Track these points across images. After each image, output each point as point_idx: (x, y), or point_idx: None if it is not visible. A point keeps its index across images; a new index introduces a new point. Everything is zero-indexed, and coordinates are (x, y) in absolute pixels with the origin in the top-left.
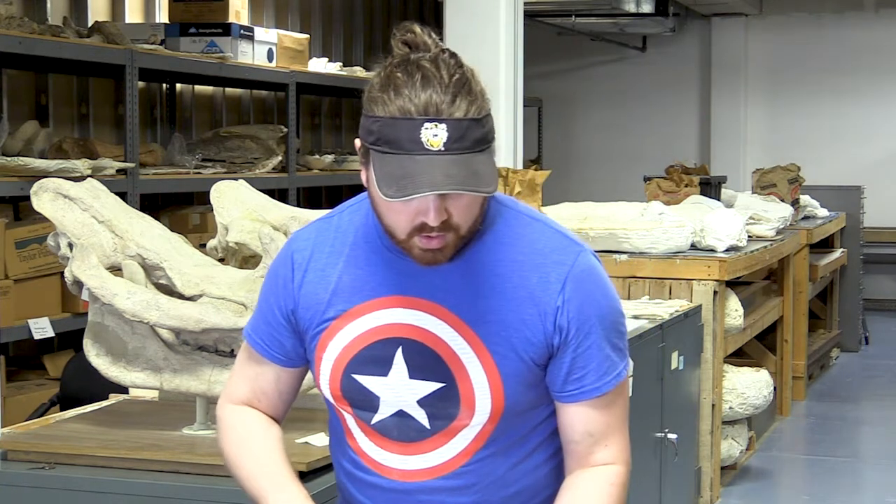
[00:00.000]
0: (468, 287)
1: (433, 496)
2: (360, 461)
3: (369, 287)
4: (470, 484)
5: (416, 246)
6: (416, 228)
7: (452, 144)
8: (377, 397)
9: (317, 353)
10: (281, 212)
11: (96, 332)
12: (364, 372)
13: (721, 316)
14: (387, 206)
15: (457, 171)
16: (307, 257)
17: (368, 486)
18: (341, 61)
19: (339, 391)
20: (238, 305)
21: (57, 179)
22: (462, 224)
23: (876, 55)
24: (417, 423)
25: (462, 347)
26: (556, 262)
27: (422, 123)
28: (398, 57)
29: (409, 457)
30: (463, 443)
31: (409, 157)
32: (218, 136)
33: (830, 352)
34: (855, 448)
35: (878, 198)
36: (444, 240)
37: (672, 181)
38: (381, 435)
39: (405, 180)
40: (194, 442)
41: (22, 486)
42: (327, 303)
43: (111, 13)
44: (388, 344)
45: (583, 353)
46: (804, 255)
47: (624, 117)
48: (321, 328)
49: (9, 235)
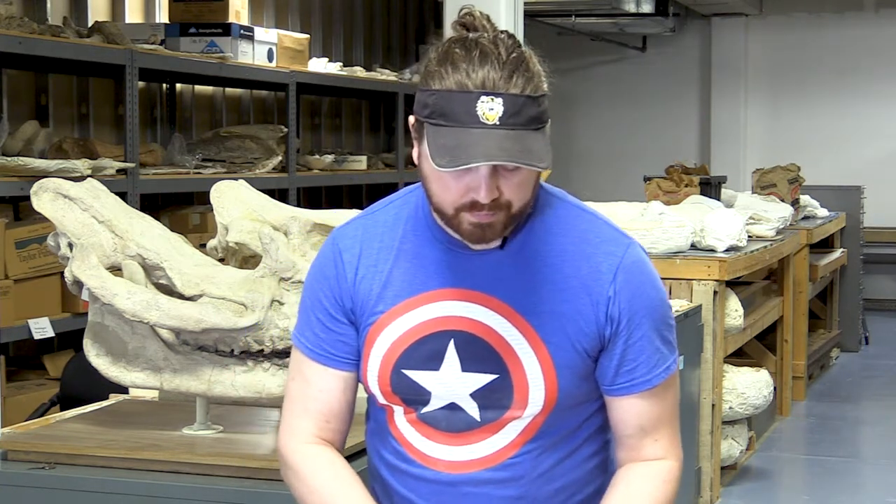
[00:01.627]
0: (520, 277)
1: (479, 488)
2: (404, 452)
3: (419, 280)
4: (516, 476)
5: (466, 220)
6: (465, 205)
7: (508, 119)
8: (428, 392)
9: (365, 348)
10: (281, 212)
11: (96, 332)
12: (415, 367)
13: (721, 316)
14: (438, 180)
15: (511, 144)
16: (357, 254)
17: (412, 478)
18: (341, 61)
19: (388, 387)
20: (238, 305)
21: (57, 179)
22: (513, 202)
23: (876, 55)
24: (467, 415)
25: (516, 338)
26: (607, 252)
27: (478, 97)
28: (456, 36)
29: (457, 448)
30: (512, 434)
31: (464, 130)
32: (218, 136)
33: (830, 352)
34: (855, 448)
35: (878, 198)
36: (494, 216)
37: (672, 181)
38: (428, 426)
39: (458, 150)
40: (194, 442)
41: (22, 486)
42: (377, 297)
43: (111, 13)
44: (439, 337)
45: (633, 344)
46: (804, 255)
47: (624, 117)
48: (370, 321)
49: (9, 235)
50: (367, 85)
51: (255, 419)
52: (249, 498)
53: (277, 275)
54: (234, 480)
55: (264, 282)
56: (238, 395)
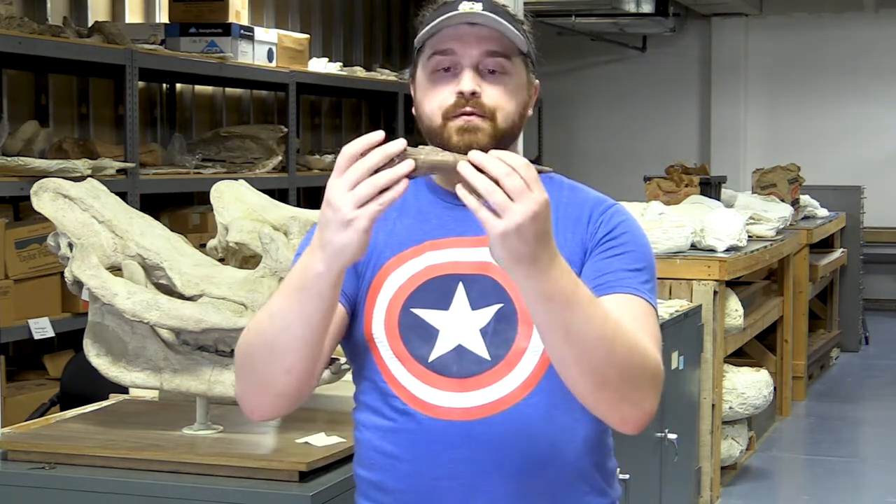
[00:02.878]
0: None
1: (493, 433)
2: (411, 409)
3: (425, 230)
4: (530, 420)
5: (454, 127)
6: (451, 106)
7: (488, 9)
8: (437, 330)
9: (369, 295)
10: (281, 212)
11: (96, 332)
12: (424, 305)
13: (721, 316)
14: (425, 93)
15: (490, 20)
16: None
17: (420, 435)
18: (341, 61)
19: (396, 328)
20: (238, 305)
21: (57, 179)
22: (497, 110)
23: (876, 55)
24: (477, 355)
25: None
26: (599, 199)
27: (460, 2)
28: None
29: (470, 393)
30: (523, 374)
31: (446, 19)
32: (218, 136)
33: (830, 352)
34: (855, 448)
35: (878, 198)
36: (481, 120)
37: (672, 181)
38: (438, 374)
39: (441, 30)
40: (194, 442)
41: (22, 486)
42: (384, 244)
43: (111, 13)
44: (447, 279)
45: (612, 257)
46: (804, 255)
47: (624, 117)
48: (377, 269)
49: (9, 235)
50: (367, 85)
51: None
52: (249, 498)
53: (277, 275)
54: (234, 480)
55: (264, 282)
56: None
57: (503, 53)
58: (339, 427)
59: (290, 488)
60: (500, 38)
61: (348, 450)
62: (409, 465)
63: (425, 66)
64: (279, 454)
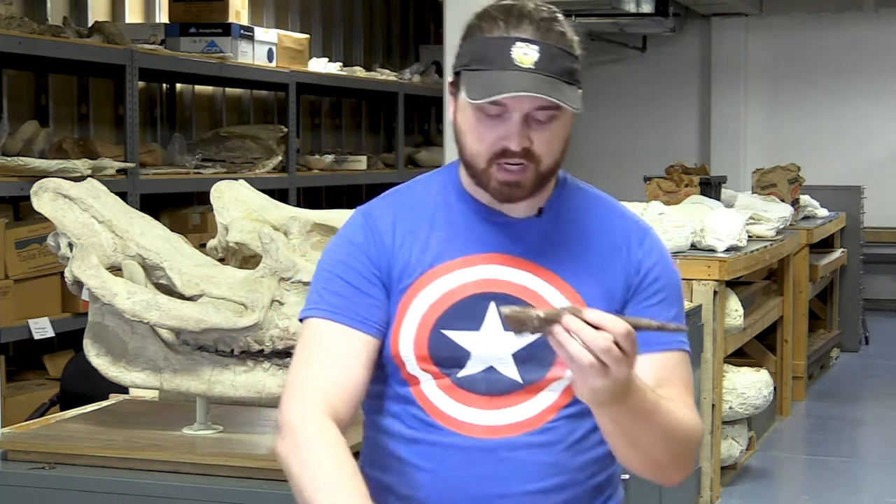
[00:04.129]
0: (557, 243)
1: (515, 453)
2: (434, 422)
3: (456, 246)
4: (552, 442)
5: (495, 177)
6: (497, 154)
7: (543, 65)
8: (467, 353)
9: (398, 313)
10: (281, 212)
11: (96, 332)
12: (454, 327)
13: (721, 316)
14: (472, 131)
15: (545, 85)
16: (391, 222)
17: (441, 448)
18: (341, 61)
19: (425, 350)
20: (238, 305)
21: (57, 179)
22: (542, 157)
23: (876, 55)
24: (507, 378)
25: (559, 300)
26: (635, 223)
27: (514, 42)
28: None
29: (495, 411)
30: (551, 397)
31: (500, 71)
32: (218, 136)
33: (830, 352)
34: (855, 448)
35: (878, 198)
36: (523, 172)
37: (672, 181)
38: (466, 390)
39: (493, 86)
40: (194, 442)
41: (22, 486)
42: (416, 261)
43: (111, 13)
44: (479, 299)
45: (654, 306)
46: (804, 255)
47: (624, 117)
48: (406, 285)
49: (9, 235)
50: (367, 85)
51: (255, 419)
52: (249, 498)
53: (277, 275)
54: (234, 480)
55: (264, 282)
56: (238, 395)
57: (555, 106)
58: None
59: (290, 488)
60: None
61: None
62: (426, 475)
63: (471, 96)
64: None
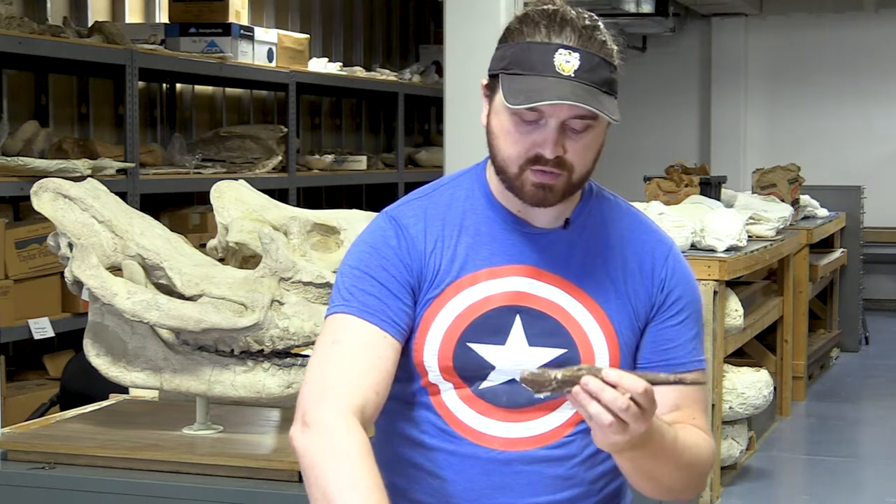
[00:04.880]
0: (583, 257)
1: (532, 466)
2: (453, 431)
3: (483, 256)
4: (568, 455)
5: (529, 181)
6: (530, 160)
7: (583, 74)
8: (492, 366)
9: (423, 322)
10: (281, 212)
11: (96, 332)
12: (480, 340)
13: (721, 316)
14: (506, 135)
15: (584, 94)
16: (423, 229)
17: (458, 458)
18: (341, 61)
19: (449, 361)
20: (238, 305)
21: (57, 179)
22: (576, 165)
23: (876, 55)
24: (528, 390)
25: (583, 315)
26: (659, 241)
27: (556, 48)
28: (538, 4)
29: (515, 424)
30: (569, 411)
31: (540, 77)
32: (218, 136)
33: (830, 352)
34: (855, 448)
35: (878, 198)
36: (556, 178)
37: (672, 181)
38: (486, 402)
39: (532, 92)
40: (194, 442)
41: (22, 486)
42: (445, 270)
43: (111, 13)
44: (505, 312)
45: (676, 325)
46: (804, 255)
47: (624, 117)
48: (433, 295)
49: (9, 235)
50: (367, 85)
51: (255, 419)
52: (249, 498)
53: (277, 275)
54: (234, 480)
55: (264, 282)
56: (238, 395)
57: (592, 116)
58: None
59: (290, 488)
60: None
61: None
62: (440, 483)
63: (509, 101)
64: (279, 454)
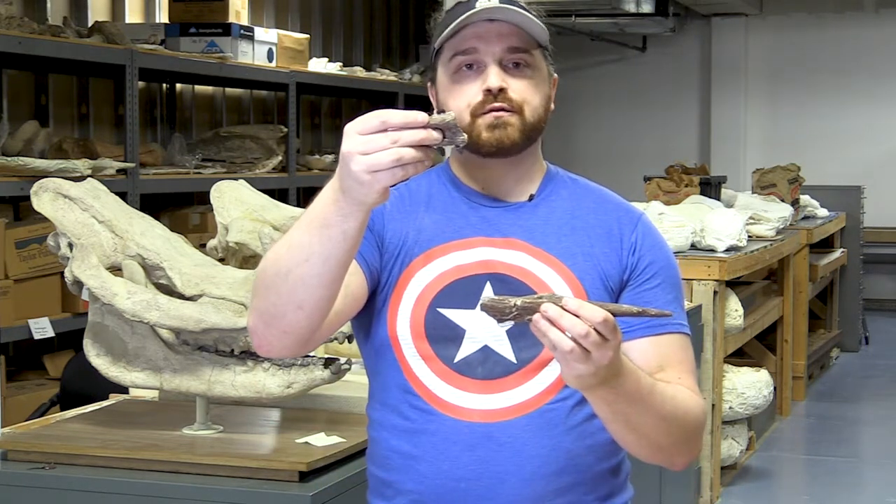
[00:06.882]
0: (550, 226)
1: (514, 437)
2: (432, 409)
3: (452, 229)
4: (551, 424)
5: (483, 126)
6: (479, 104)
7: (506, 2)
8: (463, 330)
9: (394, 293)
10: (281, 212)
11: (96, 332)
12: (451, 305)
13: (721, 316)
14: (450, 93)
15: (509, 11)
16: (394, 207)
17: (441, 436)
18: (341, 61)
19: (421, 327)
20: (238, 305)
21: (57, 179)
22: (524, 105)
23: (876, 55)
24: (503, 358)
25: (552, 277)
26: (627, 210)
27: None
28: None
29: (493, 395)
30: (549, 378)
31: (464, 14)
32: (218, 136)
33: (830, 352)
34: (855, 448)
35: (878, 198)
36: (509, 115)
37: (672, 181)
38: (462, 375)
39: (460, 22)
40: (194, 442)
41: (22, 486)
42: (413, 241)
43: (111, 13)
44: (475, 279)
45: (651, 289)
46: (804, 255)
47: (624, 117)
48: (403, 266)
49: (9, 235)
50: (367, 85)
51: (255, 419)
52: (249, 498)
53: None
54: (234, 480)
55: None
56: (238, 395)
57: (525, 48)
58: (339, 427)
59: (290, 488)
60: (521, 33)
61: (348, 450)
62: (427, 465)
63: (447, 66)
64: (279, 454)
